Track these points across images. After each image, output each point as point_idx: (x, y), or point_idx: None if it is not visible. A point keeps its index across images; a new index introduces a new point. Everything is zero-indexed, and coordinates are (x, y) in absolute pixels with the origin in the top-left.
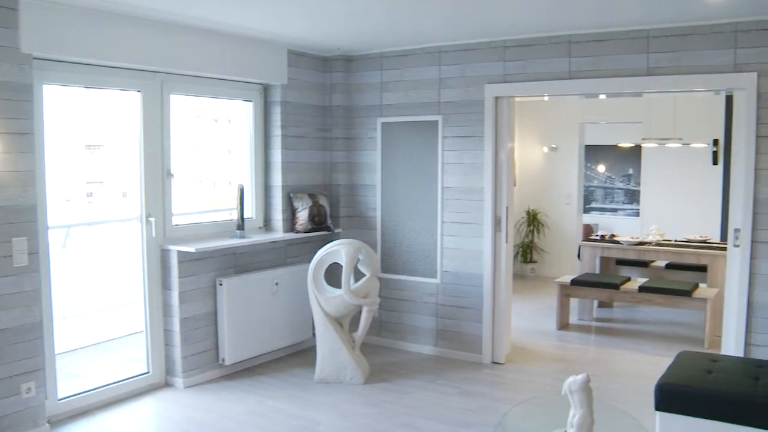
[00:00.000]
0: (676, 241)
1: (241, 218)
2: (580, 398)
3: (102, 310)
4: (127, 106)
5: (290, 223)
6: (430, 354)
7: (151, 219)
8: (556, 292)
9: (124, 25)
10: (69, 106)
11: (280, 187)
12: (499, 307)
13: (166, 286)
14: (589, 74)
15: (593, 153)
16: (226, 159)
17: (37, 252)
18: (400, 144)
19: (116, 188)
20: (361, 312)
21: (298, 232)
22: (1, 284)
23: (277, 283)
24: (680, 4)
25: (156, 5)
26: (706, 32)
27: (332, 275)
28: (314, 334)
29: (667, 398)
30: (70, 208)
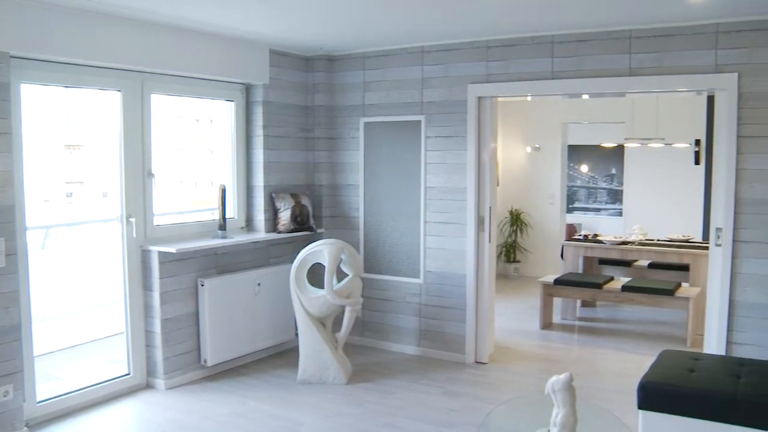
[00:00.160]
0: (658, 240)
1: (223, 218)
2: (563, 397)
3: (82, 312)
4: (108, 105)
5: (272, 224)
6: (414, 354)
7: (132, 219)
8: (540, 291)
9: (103, 24)
10: (48, 105)
11: (262, 187)
12: (482, 306)
13: (147, 286)
14: (572, 74)
15: (576, 153)
16: (207, 159)
17: (15, 253)
18: (383, 144)
19: (96, 188)
20: (343, 312)
21: (280, 232)
22: None
23: (259, 284)
24: (662, 4)
25: (136, 4)
26: (687, 33)
27: (315, 275)
28: (297, 335)
29: (650, 397)
30: (49, 208)
